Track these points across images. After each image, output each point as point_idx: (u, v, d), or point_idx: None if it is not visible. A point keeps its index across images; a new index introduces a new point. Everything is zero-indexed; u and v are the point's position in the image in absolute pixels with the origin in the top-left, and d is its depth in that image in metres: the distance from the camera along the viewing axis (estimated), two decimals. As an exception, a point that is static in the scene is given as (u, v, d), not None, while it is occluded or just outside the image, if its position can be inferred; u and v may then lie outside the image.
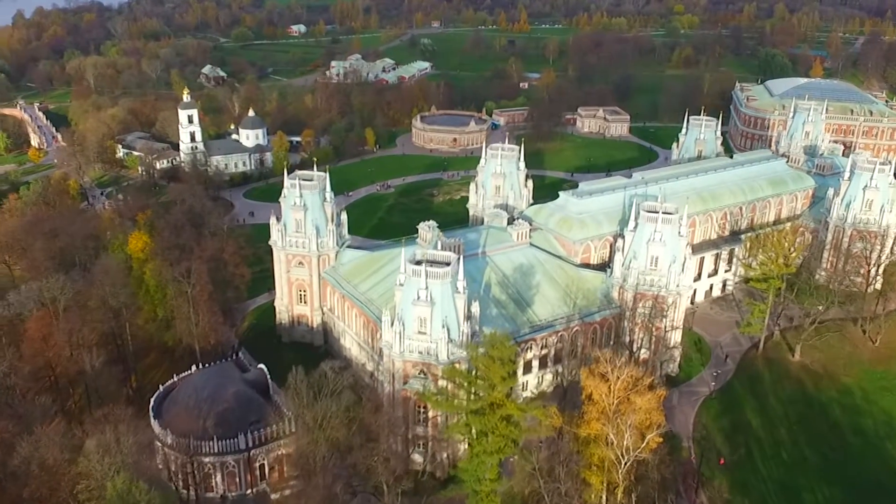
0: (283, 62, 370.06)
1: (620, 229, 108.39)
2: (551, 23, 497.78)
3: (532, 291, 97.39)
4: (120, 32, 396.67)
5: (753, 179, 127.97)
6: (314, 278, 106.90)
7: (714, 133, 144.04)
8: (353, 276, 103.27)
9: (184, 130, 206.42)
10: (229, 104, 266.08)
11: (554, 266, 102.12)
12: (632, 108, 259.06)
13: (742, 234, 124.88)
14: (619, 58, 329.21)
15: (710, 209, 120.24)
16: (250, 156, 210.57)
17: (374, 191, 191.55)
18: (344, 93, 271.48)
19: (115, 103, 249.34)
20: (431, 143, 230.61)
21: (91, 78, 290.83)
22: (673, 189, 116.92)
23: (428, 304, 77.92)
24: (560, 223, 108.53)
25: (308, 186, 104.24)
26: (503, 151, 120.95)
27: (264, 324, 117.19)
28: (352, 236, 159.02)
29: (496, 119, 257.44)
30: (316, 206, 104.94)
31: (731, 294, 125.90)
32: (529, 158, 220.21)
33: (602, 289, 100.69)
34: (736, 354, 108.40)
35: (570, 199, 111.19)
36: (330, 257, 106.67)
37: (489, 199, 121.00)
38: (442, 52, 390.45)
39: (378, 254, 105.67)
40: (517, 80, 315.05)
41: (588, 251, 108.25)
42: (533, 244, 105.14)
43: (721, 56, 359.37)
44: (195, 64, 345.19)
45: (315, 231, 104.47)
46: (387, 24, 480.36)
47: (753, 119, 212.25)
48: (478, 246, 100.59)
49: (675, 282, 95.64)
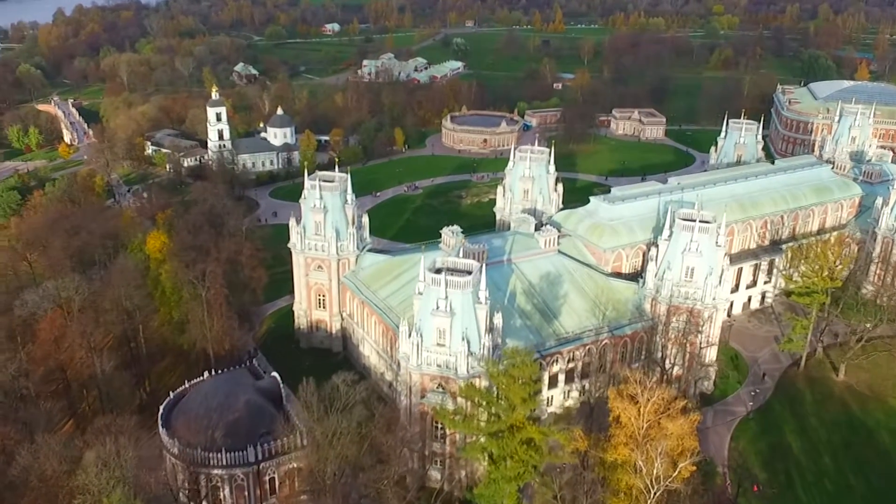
0: (315, 61, 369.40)
1: (654, 237, 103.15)
2: (587, 23, 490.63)
3: (559, 302, 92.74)
4: (155, 30, 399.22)
5: (796, 186, 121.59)
6: (333, 283, 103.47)
7: (755, 137, 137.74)
8: (373, 282, 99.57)
9: (212, 128, 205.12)
10: (259, 102, 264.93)
11: (583, 275, 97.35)
12: (668, 111, 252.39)
13: (783, 244, 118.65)
14: (655, 59, 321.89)
15: (749, 217, 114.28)
16: (278, 154, 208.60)
17: (401, 192, 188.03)
18: (374, 92, 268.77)
19: (146, 100, 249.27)
20: (461, 144, 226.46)
21: (124, 75, 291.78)
22: (710, 195, 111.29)
23: (447, 314, 73.81)
24: (590, 230, 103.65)
25: (328, 188, 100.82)
26: (532, 154, 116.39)
27: (283, 328, 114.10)
28: (376, 238, 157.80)
29: (528, 120, 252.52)
30: (336, 208, 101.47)
31: (770, 307, 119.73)
32: (561, 161, 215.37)
33: (633, 300, 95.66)
34: (775, 372, 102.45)
35: (601, 204, 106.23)
36: (350, 261, 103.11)
37: (517, 204, 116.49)
38: (475, 52, 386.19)
39: (399, 259, 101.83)
40: (550, 80, 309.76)
41: (619, 260, 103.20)
42: (561, 251, 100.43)
43: (762, 58, 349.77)
44: (228, 62, 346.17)
45: (335, 234, 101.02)
46: (420, 24, 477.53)
47: (796, 123, 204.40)
48: (503, 253, 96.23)
49: (712, 295, 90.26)
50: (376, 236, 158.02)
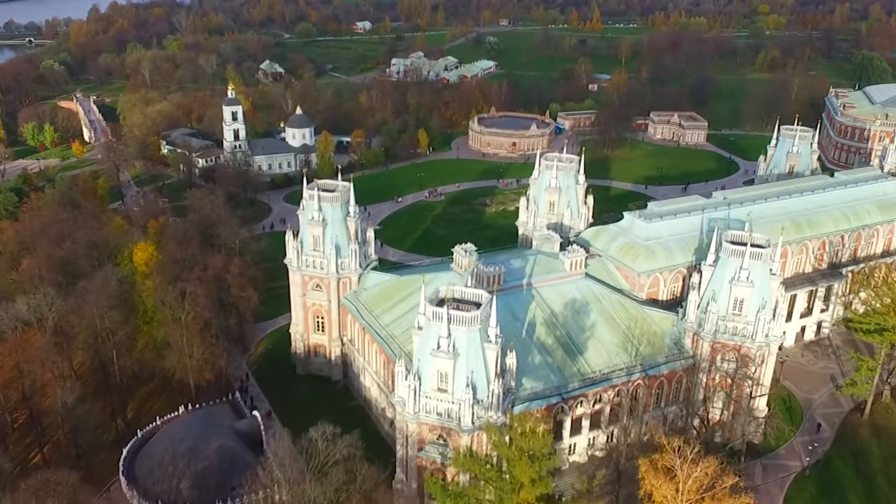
0: (343, 59, 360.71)
1: (696, 260, 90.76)
2: (625, 22, 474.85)
3: (585, 334, 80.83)
4: (184, 27, 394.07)
5: (858, 203, 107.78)
6: (333, 304, 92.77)
7: (809, 146, 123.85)
8: (376, 305, 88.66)
9: (227, 128, 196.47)
10: (282, 101, 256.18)
11: (613, 303, 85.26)
12: (710, 115, 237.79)
13: (843, 267, 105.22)
14: (697, 59, 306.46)
15: (805, 237, 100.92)
16: (295, 156, 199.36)
17: (422, 198, 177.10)
18: (401, 92, 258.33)
19: (163, 98, 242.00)
20: (488, 148, 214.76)
21: (146, 71, 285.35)
22: (761, 212, 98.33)
23: (450, 355, 62.53)
24: (623, 250, 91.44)
25: (328, 198, 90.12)
26: (560, 162, 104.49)
27: (281, 350, 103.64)
28: (391, 250, 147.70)
29: (560, 123, 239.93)
30: (337, 221, 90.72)
31: (827, 338, 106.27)
32: (594, 166, 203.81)
33: (671, 334, 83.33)
34: (834, 418, 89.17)
35: (636, 221, 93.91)
36: (352, 280, 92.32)
37: (541, 218, 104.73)
38: (508, 51, 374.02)
39: (407, 279, 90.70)
40: (586, 81, 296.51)
41: (656, 285, 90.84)
42: (589, 275, 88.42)
43: (810, 59, 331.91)
44: (254, 60, 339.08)
45: (335, 250, 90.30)
46: (453, 22, 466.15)
47: (850, 129, 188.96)
48: (522, 276, 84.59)
49: (765, 332, 77.59)
50: (392, 247, 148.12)
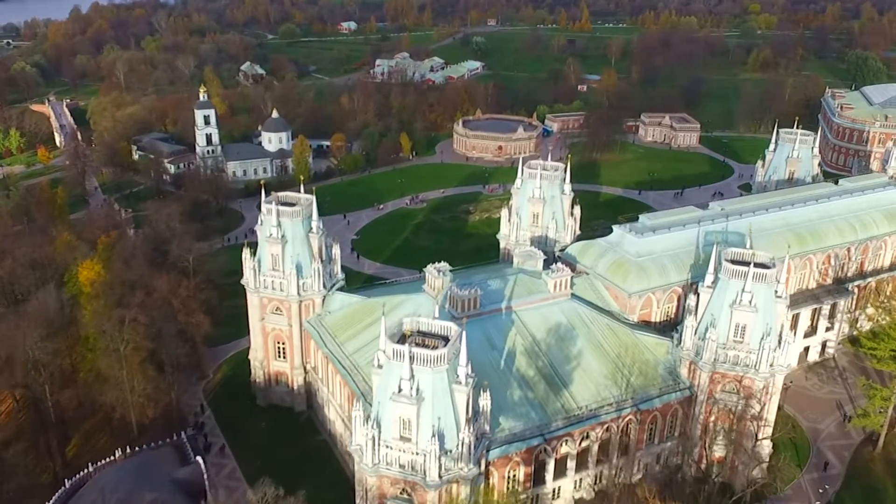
0: (327, 60, 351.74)
1: (693, 278, 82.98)
2: (615, 22, 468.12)
3: (571, 364, 72.78)
4: (163, 27, 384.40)
5: (865, 212, 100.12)
6: (295, 329, 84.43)
7: (811, 150, 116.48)
8: (341, 330, 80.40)
9: (199, 132, 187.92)
10: (262, 104, 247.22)
11: (602, 327, 77.22)
12: (702, 116, 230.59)
13: (849, 282, 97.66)
14: (688, 59, 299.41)
15: (809, 251, 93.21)
16: (272, 161, 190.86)
17: (402, 205, 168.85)
18: (384, 93, 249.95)
19: (136, 101, 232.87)
20: (474, 151, 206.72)
21: (121, 73, 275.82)
22: (761, 224, 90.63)
23: (413, 400, 54.31)
24: (612, 268, 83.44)
25: (288, 213, 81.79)
26: (544, 171, 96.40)
27: (242, 377, 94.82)
28: (368, 262, 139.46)
29: (549, 125, 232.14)
30: (298, 237, 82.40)
31: (832, 358, 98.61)
32: (583, 171, 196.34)
33: (666, 362, 75.39)
34: (843, 451, 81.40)
35: (626, 236, 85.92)
36: (315, 303, 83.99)
37: (524, 230, 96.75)
38: (495, 52, 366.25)
39: (375, 301, 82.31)
40: (575, 82, 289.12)
41: (648, 306, 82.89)
42: (575, 295, 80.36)
43: (803, 59, 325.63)
44: (236, 61, 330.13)
45: (296, 270, 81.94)
46: (441, 23, 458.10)
47: (849, 131, 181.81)
48: (501, 298, 76.45)
49: (769, 361, 69.70)
50: (368, 258, 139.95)
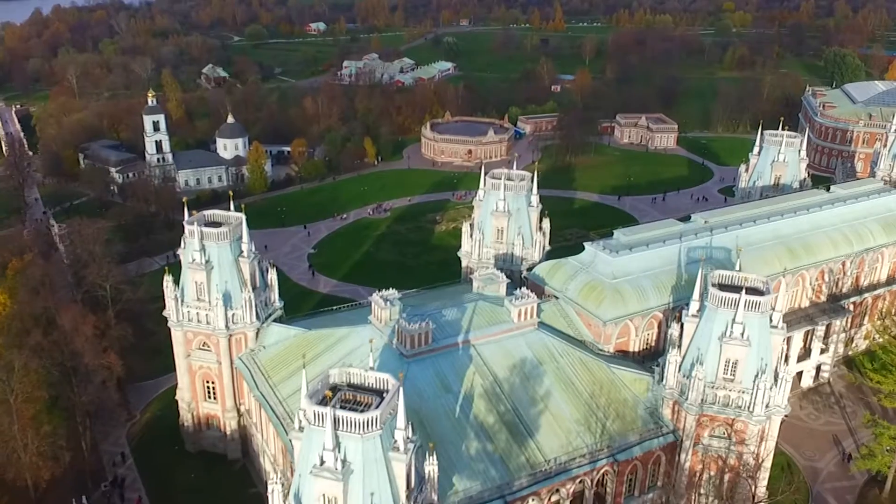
0: (294, 62, 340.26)
1: (675, 301, 73.83)
2: (589, 21, 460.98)
3: (537, 408, 63.06)
4: (123, 30, 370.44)
5: (860, 221, 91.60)
6: (225, 367, 73.93)
7: (798, 153, 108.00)
8: (276, 369, 70.10)
9: (149, 139, 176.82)
10: (221, 108, 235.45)
11: (573, 362, 67.59)
12: (679, 116, 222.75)
13: (844, 298, 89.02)
14: (663, 58, 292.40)
15: (802, 266, 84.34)
16: (227, 169, 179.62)
17: (365, 214, 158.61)
18: (349, 96, 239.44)
19: (84, 106, 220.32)
20: (442, 156, 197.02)
21: (73, 77, 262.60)
22: (749, 238, 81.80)
23: (339, 475, 44.11)
24: (585, 292, 73.88)
25: (213, 235, 71.20)
26: (509, 181, 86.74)
27: (172, 417, 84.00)
28: (323, 279, 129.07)
29: (521, 127, 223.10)
30: (226, 263, 71.87)
31: (827, 383, 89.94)
32: (557, 175, 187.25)
33: (646, 401, 65.90)
34: (846, 495, 72.48)
35: (599, 254, 76.40)
36: (247, 337, 73.54)
37: (487, 248, 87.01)
38: (468, 52, 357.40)
39: (316, 335, 72.13)
40: (548, 82, 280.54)
41: (625, 334, 73.45)
42: (543, 324, 70.76)
43: (780, 57, 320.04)
44: (198, 64, 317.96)
45: (223, 300, 71.45)
46: (412, 23, 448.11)
47: (832, 131, 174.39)
48: (458, 331, 66.55)
49: (765, 401, 60.44)
50: (324, 275, 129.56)
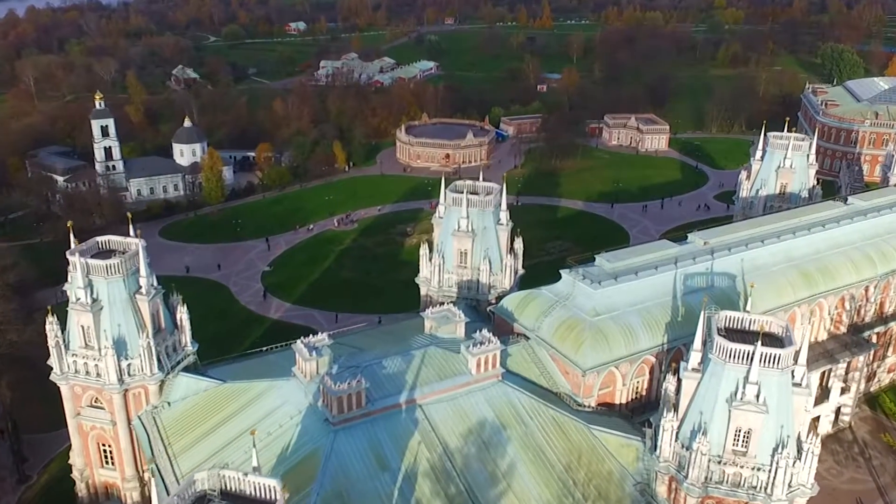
0: (270, 62, 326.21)
1: (670, 342, 60.93)
2: (578, 18, 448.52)
3: (498, 487, 49.93)
4: (93, 30, 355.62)
5: (883, 238, 78.73)
6: (121, 428, 60.42)
7: (806, 158, 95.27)
8: (179, 434, 56.80)
9: (97, 146, 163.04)
10: (187, 111, 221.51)
11: (545, 423, 54.52)
12: (671, 116, 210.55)
13: (867, 329, 76.30)
14: (654, 55, 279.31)
15: (819, 294, 71.31)
16: (184, 178, 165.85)
17: (330, 226, 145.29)
18: (322, 98, 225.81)
19: (34, 110, 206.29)
20: (418, 161, 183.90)
21: (30, 79, 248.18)
22: (757, 261, 69.09)
23: None
24: (561, 331, 60.73)
25: (100, 269, 57.61)
26: (473, 194, 73.61)
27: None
28: (277, 302, 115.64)
29: (503, 129, 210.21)
30: (118, 302, 58.33)
31: (848, 427, 77.16)
32: (540, 181, 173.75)
33: (636, 473, 52.86)
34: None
35: (579, 285, 63.16)
36: (148, 391, 60.07)
37: (449, 273, 73.88)
38: (451, 51, 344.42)
39: (232, 388, 58.88)
40: (534, 81, 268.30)
41: (610, 383, 60.41)
42: (510, 372, 57.76)
43: (774, 53, 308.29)
44: (170, 64, 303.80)
45: (116, 347, 57.96)
46: (396, 22, 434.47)
47: (835, 131, 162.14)
48: (401, 387, 53.39)
49: (786, 480, 47.47)
50: (277, 297, 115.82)
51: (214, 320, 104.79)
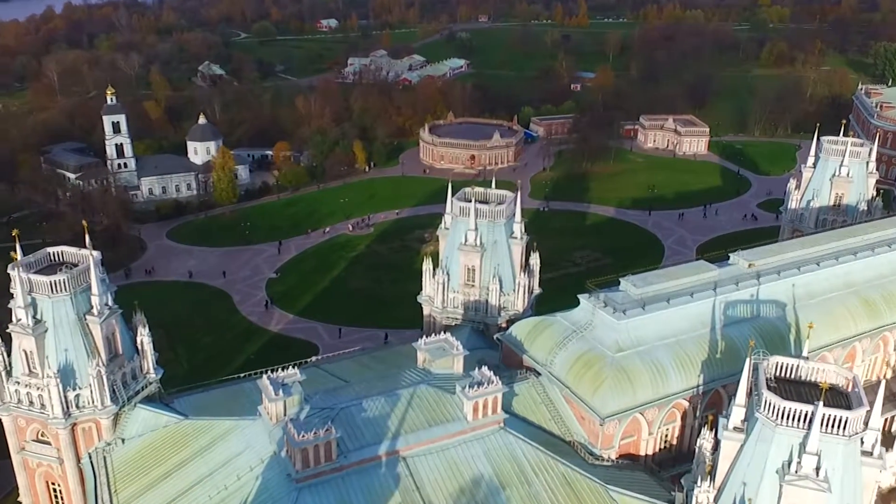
0: (299, 59, 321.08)
1: (706, 383, 51.57)
2: (615, 17, 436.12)
3: (493, 565, 41.25)
4: (123, 26, 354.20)
5: (959, 260, 68.10)
6: (69, 466, 52.97)
7: (865, 167, 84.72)
8: (129, 478, 49.11)
9: (109, 142, 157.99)
10: (209, 108, 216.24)
11: (554, 483, 45.63)
12: (711, 117, 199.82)
13: (939, 367, 65.81)
14: (694, 54, 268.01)
15: (884, 326, 61.12)
16: (197, 177, 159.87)
17: (344, 230, 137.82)
18: (346, 95, 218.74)
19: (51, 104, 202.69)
20: (442, 162, 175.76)
21: (54, 74, 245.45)
22: (811, 286, 59.24)
23: None
24: (578, 368, 51.74)
25: (45, 286, 50.10)
26: (482, 203, 65.00)
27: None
28: (279, 311, 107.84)
29: (533, 129, 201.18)
30: (65, 324, 50.76)
31: (914, 481, 66.69)
32: (570, 185, 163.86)
33: (663, 549, 43.81)
34: None
35: (599, 313, 53.94)
36: (101, 426, 52.51)
37: (455, 293, 65.40)
38: (483, 49, 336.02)
39: (192, 425, 51.06)
40: (567, 80, 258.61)
41: (634, 431, 51.25)
42: (514, 415, 49.09)
43: (822, 53, 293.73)
44: (197, 61, 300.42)
45: (62, 375, 50.49)
46: (429, 19, 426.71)
47: (892, 135, 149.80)
48: (380, 435, 44.95)
49: (852, 575, 38.01)
50: (280, 307, 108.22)
51: (211, 332, 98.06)
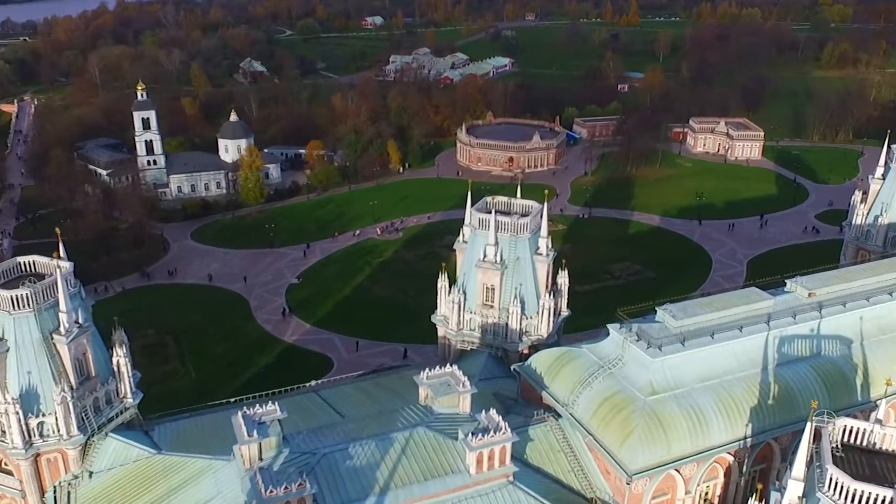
0: (340, 56, 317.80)
1: (756, 435, 43.90)
2: (667, 15, 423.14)
3: None
4: (170, 22, 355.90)
5: None
6: (32, 500, 47.83)
7: (943, 179, 75.34)
8: (93, 519, 43.83)
9: (139, 139, 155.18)
10: (246, 105, 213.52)
11: (570, 551, 38.74)
12: (766, 121, 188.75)
13: None
14: (749, 54, 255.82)
15: (968, 369, 52.60)
16: (227, 175, 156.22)
17: (372, 234, 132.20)
18: (384, 94, 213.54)
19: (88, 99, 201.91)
20: (479, 164, 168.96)
21: (95, 69, 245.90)
22: (882, 321, 51.00)
23: None
24: (603, 413, 44.59)
25: (5, 301, 44.93)
26: (503, 215, 58.20)
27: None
28: (297, 322, 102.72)
29: (576, 131, 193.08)
30: (28, 344, 45.59)
31: None
32: (613, 190, 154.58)
33: None
34: None
35: (631, 348, 46.58)
36: (66, 457, 47.30)
37: (472, 314, 58.76)
38: (529, 48, 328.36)
39: (164, 461, 45.47)
40: (614, 80, 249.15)
41: (668, 489, 43.87)
42: (527, 465, 42.24)
43: (888, 54, 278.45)
44: (240, 57, 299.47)
45: (26, 401, 45.41)
46: (474, 17, 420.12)
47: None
48: (368, 488, 38.57)
49: None
50: (299, 316, 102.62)
51: (223, 341, 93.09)
